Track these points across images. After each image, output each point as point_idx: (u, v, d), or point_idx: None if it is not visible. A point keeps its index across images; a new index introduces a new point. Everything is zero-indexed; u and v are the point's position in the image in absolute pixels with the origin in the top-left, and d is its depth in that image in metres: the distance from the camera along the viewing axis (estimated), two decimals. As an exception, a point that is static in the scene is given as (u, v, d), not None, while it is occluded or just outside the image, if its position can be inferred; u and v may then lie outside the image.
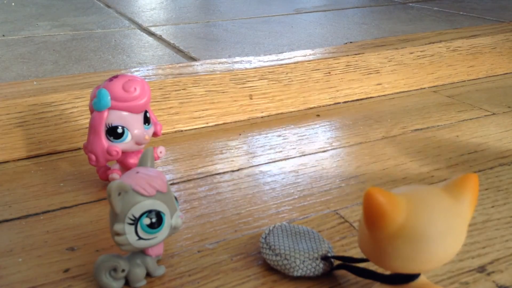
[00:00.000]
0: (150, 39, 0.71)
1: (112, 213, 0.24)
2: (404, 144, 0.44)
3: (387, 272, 0.23)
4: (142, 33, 0.74)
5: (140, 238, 0.24)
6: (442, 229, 0.20)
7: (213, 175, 0.38)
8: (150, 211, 0.24)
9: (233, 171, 0.39)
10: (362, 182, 0.37)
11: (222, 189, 0.36)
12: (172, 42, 0.69)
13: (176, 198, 0.26)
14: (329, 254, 0.26)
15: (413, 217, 0.20)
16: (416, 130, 0.47)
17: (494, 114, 0.52)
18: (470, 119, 0.50)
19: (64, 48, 0.64)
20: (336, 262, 0.27)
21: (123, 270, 0.25)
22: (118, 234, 0.24)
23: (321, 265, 0.26)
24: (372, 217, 0.20)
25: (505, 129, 0.47)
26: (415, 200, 0.21)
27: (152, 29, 0.77)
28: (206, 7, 1.02)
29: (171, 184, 0.37)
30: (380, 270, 0.25)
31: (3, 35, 0.71)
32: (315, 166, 0.39)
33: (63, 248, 0.29)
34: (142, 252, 0.25)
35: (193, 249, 0.29)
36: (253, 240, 0.30)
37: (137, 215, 0.23)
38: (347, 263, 0.26)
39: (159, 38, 0.71)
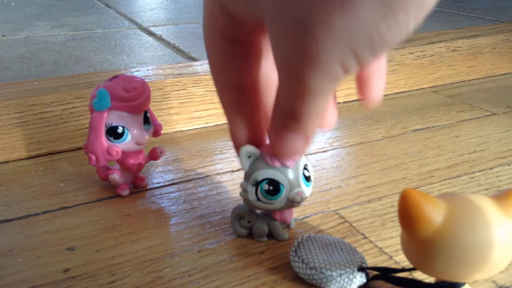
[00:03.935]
0: (150, 39, 0.71)
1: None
2: (404, 144, 0.44)
3: (429, 281, 0.23)
4: (142, 33, 0.74)
5: (258, 199, 0.27)
6: (485, 238, 0.20)
7: (213, 175, 0.38)
8: (270, 179, 0.26)
9: (233, 171, 0.39)
10: (362, 182, 0.37)
11: (222, 189, 0.36)
12: (172, 42, 0.69)
13: (308, 178, 0.27)
14: (364, 265, 0.26)
15: (453, 221, 0.20)
16: (416, 130, 0.47)
17: (494, 114, 0.52)
18: (470, 119, 0.50)
19: (64, 48, 0.64)
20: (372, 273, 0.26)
21: (249, 221, 0.29)
22: (242, 189, 0.28)
23: (358, 276, 0.25)
24: (408, 216, 0.20)
25: (505, 129, 0.47)
26: (458, 204, 0.20)
27: (152, 29, 0.77)
28: (206, 7, 1.02)
29: (171, 184, 0.37)
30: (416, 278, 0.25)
31: (3, 35, 0.71)
32: (315, 166, 0.39)
33: (63, 248, 0.29)
34: (270, 215, 0.29)
35: (193, 249, 0.29)
36: (253, 240, 0.30)
37: (258, 179, 0.27)
38: (385, 273, 0.25)
39: (159, 38, 0.71)
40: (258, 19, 0.20)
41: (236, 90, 0.25)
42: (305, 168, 0.28)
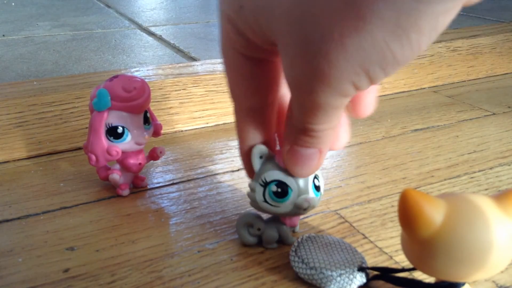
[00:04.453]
0: (150, 39, 0.71)
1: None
2: (404, 144, 0.44)
3: (429, 281, 0.23)
4: (142, 33, 0.74)
5: (265, 200, 0.27)
6: (485, 238, 0.20)
7: (213, 175, 0.38)
8: (279, 181, 0.26)
9: (233, 171, 0.39)
10: (362, 182, 0.37)
11: (222, 189, 0.36)
12: (172, 42, 0.69)
13: (317, 188, 0.27)
14: (364, 265, 0.26)
15: (453, 221, 0.20)
16: (416, 130, 0.47)
17: (494, 114, 0.52)
18: (470, 119, 0.50)
19: (64, 48, 0.64)
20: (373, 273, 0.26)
21: (258, 229, 0.28)
22: (250, 189, 0.27)
23: (358, 276, 0.25)
24: (408, 216, 0.20)
25: (505, 129, 0.47)
26: (458, 205, 0.20)
27: (152, 29, 0.77)
28: (206, 7, 1.02)
29: (171, 184, 0.37)
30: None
31: (3, 35, 0.71)
32: (315, 166, 0.39)
33: (63, 248, 0.29)
34: (279, 220, 0.28)
35: (193, 249, 0.29)
36: (253, 240, 0.30)
37: (267, 180, 0.26)
38: (385, 273, 0.25)
39: (159, 38, 0.71)
40: (271, 42, 0.20)
41: (255, 111, 0.25)
42: (315, 178, 0.27)
